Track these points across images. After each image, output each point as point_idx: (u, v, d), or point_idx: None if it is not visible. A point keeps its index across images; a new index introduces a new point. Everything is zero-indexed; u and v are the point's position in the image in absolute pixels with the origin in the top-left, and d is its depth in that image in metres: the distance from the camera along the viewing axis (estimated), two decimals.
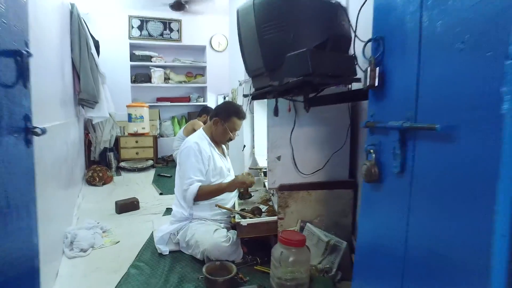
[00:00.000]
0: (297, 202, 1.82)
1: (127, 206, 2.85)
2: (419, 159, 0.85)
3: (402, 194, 0.92)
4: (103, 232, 2.36)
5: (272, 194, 2.09)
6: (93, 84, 3.46)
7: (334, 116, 1.81)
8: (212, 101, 5.36)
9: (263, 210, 2.17)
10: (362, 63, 1.35)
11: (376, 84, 1.02)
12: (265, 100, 1.84)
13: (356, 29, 1.31)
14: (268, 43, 1.30)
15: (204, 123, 3.91)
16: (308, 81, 1.23)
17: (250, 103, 2.75)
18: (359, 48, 1.33)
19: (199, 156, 2.01)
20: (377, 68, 1.02)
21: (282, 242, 1.54)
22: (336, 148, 1.82)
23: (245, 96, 1.52)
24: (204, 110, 4.25)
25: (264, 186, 2.45)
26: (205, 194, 2.01)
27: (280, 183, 1.82)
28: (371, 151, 1.04)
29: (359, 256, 1.21)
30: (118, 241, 2.24)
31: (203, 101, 5.55)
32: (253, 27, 1.32)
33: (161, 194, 3.43)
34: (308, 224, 1.81)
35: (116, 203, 2.85)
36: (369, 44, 1.11)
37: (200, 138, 2.12)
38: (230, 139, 2.19)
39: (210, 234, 1.89)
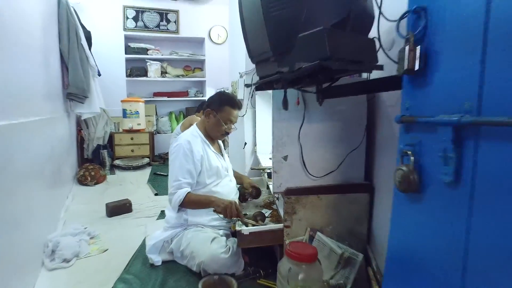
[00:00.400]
0: (305, 208, 1.61)
1: (119, 208, 2.64)
2: (485, 165, 0.63)
3: (456, 209, 0.70)
4: (90, 238, 2.14)
5: (277, 198, 1.87)
6: (83, 78, 3.23)
7: (349, 111, 1.58)
8: None
9: (266, 215, 1.95)
10: (385, 47, 1.14)
11: (417, 67, 0.80)
12: (270, 91, 1.62)
13: (381, 4, 1.09)
14: (276, 21, 1.07)
15: None
16: (325, 66, 1.00)
17: (252, 96, 2.53)
18: (383, 28, 1.11)
19: (190, 156, 1.80)
20: (418, 47, 0.80)
21: (291, 256, 1.32)
22: (351, 146, 1.60)
23: (247, 86, 1.31)
24: (203, 105, 4.02)
25: (268, 188, 2.24)
26: (192, 203, 1.78)
27: (286, 186, 1.61)
28: (409, 152, 0.83)
29: (390, 276, 0.99)
30: (106, 249, 2.03)
31: (202, 96, 5.32)
32: (257, 3, 1.10)
33: (156, 194, 3.21)
34: (318, 233, 1.59)
35: (107, 205, 2.63)
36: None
37: (192, 135, 1.90)
38: (226, 133, 1.97)
39: (207, 244, 1.68)
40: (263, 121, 2.60)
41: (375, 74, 1.37)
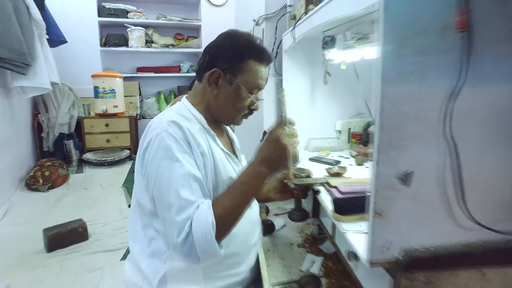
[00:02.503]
0: None
1: (64, 237, 1.67)
2: None
3: None
4: None
5: (353, 257, 0.88)
6: (21, 36, 2.19)
7: None
8: None
9: (317, 271, 1.01)
10: None
11: None
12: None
13: None
14: None
15: None
16: None
17: (276, 56, 1.52)
18: None
19: (187, 150, 0.84)
20: None
21: None
22: None
23: None
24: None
25: (316, 219, 1.25)
26: (230, 213, 0.82)
27: (402, 246, 0.63)
28: None
29: None
30: None
31: None
32: None
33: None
34: None
35: (45, 233, 1.66)
36: None
37: (182, 116, 0.91)
38: (250, 111, 0.98)
39: None
40: (295, 96, 1.60)
41: None
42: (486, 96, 0.59)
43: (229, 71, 0.91)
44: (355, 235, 0.79)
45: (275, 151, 0.82)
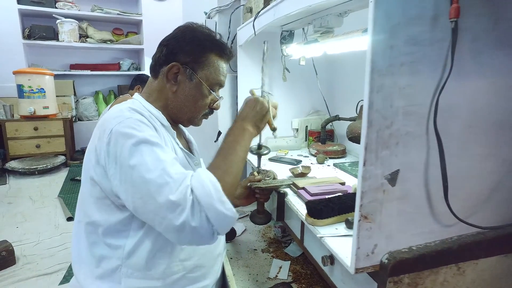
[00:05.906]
0: None
1: None
2: None
3: None
4: None
5: (331, 262, 0.83)
6: None
7: None
8: None
9: (289, 281, 0.95)
10: None
11: None
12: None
13: None
14: None
15: None
16: None
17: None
18: None
19: (159, 137, 0.74)
20: None
21: None
22: None
23: None
24: (139, 79, 2.78)
25: (277, 219, 1.18)
26: (228, 172, 0.73)
27: (390, 250, 0.60)
28: None
29: None
30: None
31: (139, 70, 4.00)
32: None
33: (70, 219, 1.98)
34: None
35: None
36: None
37: (137, 112, 0.78)
38: (211, 110, 0.91)
39: None
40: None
41: None
42: (466, 91, 0.57)
43: (189, 66, 0.82)
44: (332, 239, 0.75)
45: (256, 106, 0.84)
